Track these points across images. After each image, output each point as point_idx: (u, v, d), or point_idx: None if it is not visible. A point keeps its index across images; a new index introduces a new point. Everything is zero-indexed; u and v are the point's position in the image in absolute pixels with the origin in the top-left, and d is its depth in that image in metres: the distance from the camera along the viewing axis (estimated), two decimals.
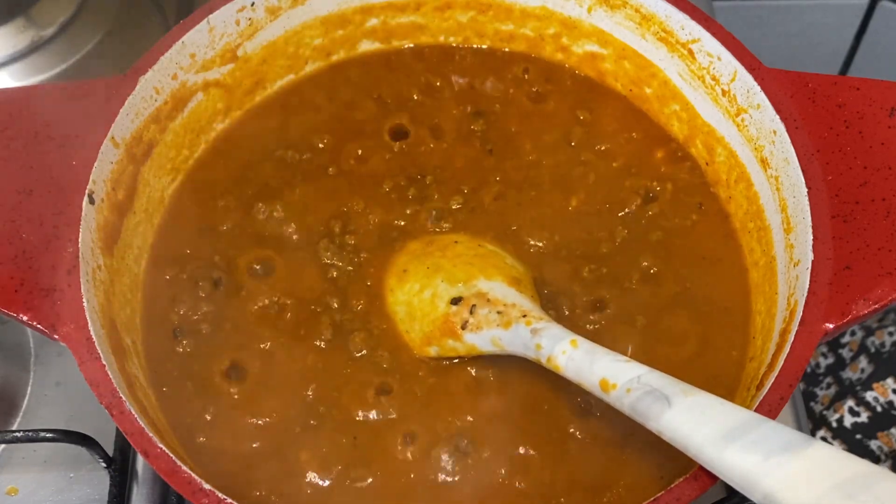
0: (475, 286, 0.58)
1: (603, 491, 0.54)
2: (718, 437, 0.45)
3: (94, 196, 0.57)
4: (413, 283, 0.60)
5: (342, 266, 0.62)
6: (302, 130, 0.68)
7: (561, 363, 0.52)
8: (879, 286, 0.51)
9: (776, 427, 0.44)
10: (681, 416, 0.46)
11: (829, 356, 0.98)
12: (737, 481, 0.44)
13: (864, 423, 0.91)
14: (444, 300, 0.58)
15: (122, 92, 0.59)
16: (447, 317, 0.57)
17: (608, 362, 0.51)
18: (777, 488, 0.42)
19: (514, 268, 0.60)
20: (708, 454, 0.45)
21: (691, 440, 0.45)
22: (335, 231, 0.63)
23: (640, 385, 0.48)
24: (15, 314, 0.52)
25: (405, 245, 0.62)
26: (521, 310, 0.56)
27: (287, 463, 0.55)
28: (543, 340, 0.53)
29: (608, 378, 0.50)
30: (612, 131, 0.68)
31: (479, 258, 0.60)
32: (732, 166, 0.63)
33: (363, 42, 0.71)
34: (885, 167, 0.55)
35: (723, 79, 0.62)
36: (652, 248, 0.62)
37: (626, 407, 0.49)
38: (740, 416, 0.45)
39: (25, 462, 0.64)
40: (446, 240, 0.62)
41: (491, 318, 0.56)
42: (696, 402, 0.46)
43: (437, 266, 0.60)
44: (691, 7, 0.63)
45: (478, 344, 0.57)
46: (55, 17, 0.85)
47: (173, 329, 0.59)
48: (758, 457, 0.43)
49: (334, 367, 0.58)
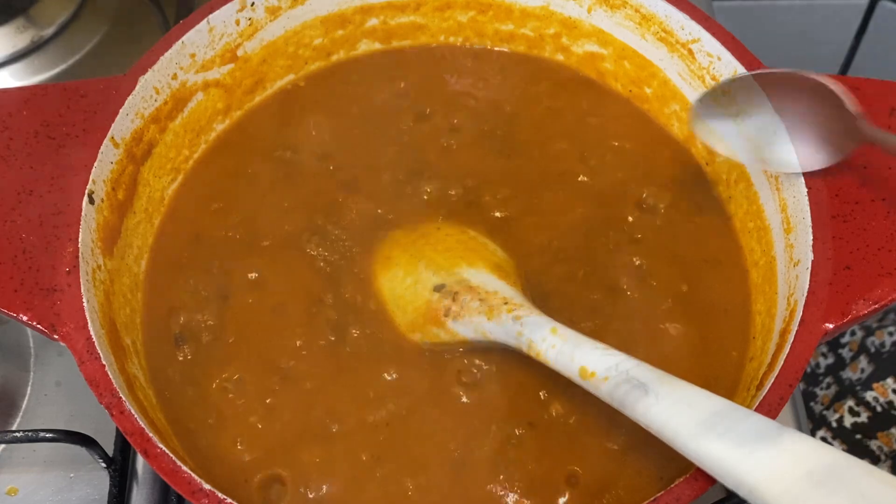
0: (458, 274, 0.59)
1: (603, 491, 0.54)
2: (693, 425, 0.45)
3: (94, 196, 0.57)
4: (397, 271, 0.60)
5: (334, 260, 0.62)
6: (302, 130, 0.68)
7: (541, 350, 0.53)
8: (879, 286, 0.51)
9: (751, 416, 0.45)
10: (657, 404, 0.47)
11: (829, 356, 0.98)
12: (711, 468, 0.44)
13: (863, 423, 0.91)
14: (428, 288, 0.59)
15: (122, 92, 0.59)
16: (430, 304, 0.58)
17: (587, 350, 0.51)
18: (752, 477, 0.42)
19: (497, 255, 0.61)
20: (683, 442, 0.45)
21: (667, 428, 0.46)
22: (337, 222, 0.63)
23: (618, 373, 0.49)
24: (15, 314, 0.52)
25: (388, 234, 0.63)
26: (502, 298, 0.56)
27: (288, 465, 0.55)
28: (524, 328, 0.54)
29: (587, 366, 0.50)
30: (611, 131, 0.68)
31: (461, 245, 0.61)
32: (732, 166, 0.63)
33: (363, 42, 0.71)
34: (886, 167, 0.55)
35: (723, 79, 0.62)
36: (652, 248, 0.62)
37: (604, 394, 0.49)
38: (715, 405, 0.46)
39: (25, 462, 0.64)
40: (430, 227, 0.63)
41: (473, 306, 0.56)
42: (672, 391, 0.47)
43: (421, 254, 0.60)
44: (691, 7, 0.63)
45: (461, 331, 0.57)
46: (55, 17, 0.85)
47: (175, 336, 0.59)
48: (732, 445, 0.43)
49: (337, 371, 0.58)
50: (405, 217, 0.64)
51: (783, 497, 0.41)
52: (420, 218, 0.63)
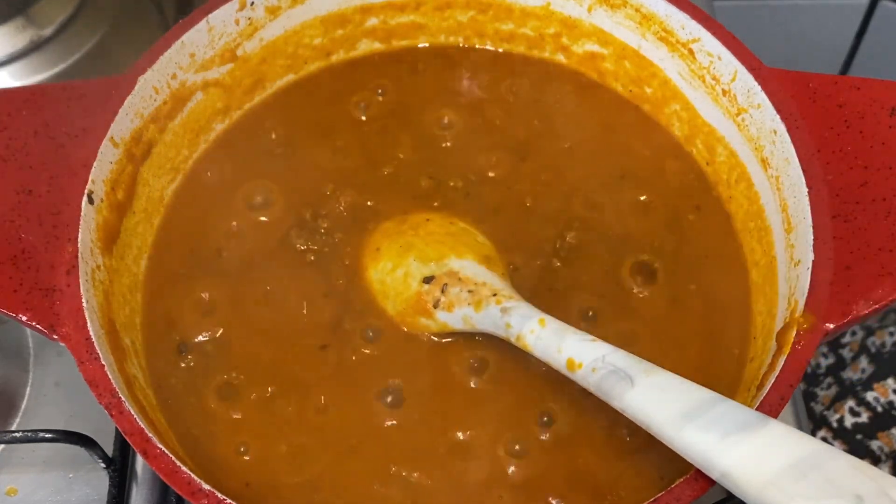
0: (447, 265, 0.59)
1: (603, 491, 0.54)
2: (678, 416, 0.45)
3: (94, 196, 0.57)
4: (386, 262, 0.60)
5: (326, 252, 0.62)
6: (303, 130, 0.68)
7: (529, 342, 0.53)
8: (880, 286, 0.51)
9: (735, 406, 0.45)
10: (643, 395, 0.47)
11: (830, 356, 0.98)
12: (696, 459, 0.45)
13: (864, 423, 0.91)
14: (417, 279, 0.59)
15: (122, 92, 0.59)
16: (419, 295, 0.58)
17: (575, 341, 0.51)
18: (733, 466, 0.43)
19: (485, 245, 0.61)
20: (668, 433, 0.45)
21: (653, 419, 0.46)
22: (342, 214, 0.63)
23: (604, 364, 0.49)
24: (14, 314, 0.52)
25: (378, 226, 0.63)
26: (491, 288, 0.57)
27: (290, 465, 0.55)
28: (513, 319, 0.54)
29: (574, 357, 0.51)
30: (611, 130, 0.68)
31: (450, 236, 0.61)
32: (733, 166, 0.63)
33: (363, 42, 0.71)
34: (886, 167, 0.55)
35: (723, 78, 0.62)
36: (652, 248, 0.62)
37: (591, 386, 0.50)
38: (700, 396, 0.46)
39: (25, 462, 0.64)
40: (419, 218, 0.63)
41: (462, 297, 0.57)
42: (657, 382, 0.47)
43: (410, 244, 0.61)
44: (691, 7, 0.63)
45: (449, 322, 0.57)
46: (55, 16, 0.85)
47: (178, 345, 0.59)
48: (715, 435, 0.44)
49: (340, 377, 0.58)
50: (397, 209, 0.64)
51: (767, 488, 0.41)
52: (411, 210, 0.63)
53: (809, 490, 0.40)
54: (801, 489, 0.40)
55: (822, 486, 0.40)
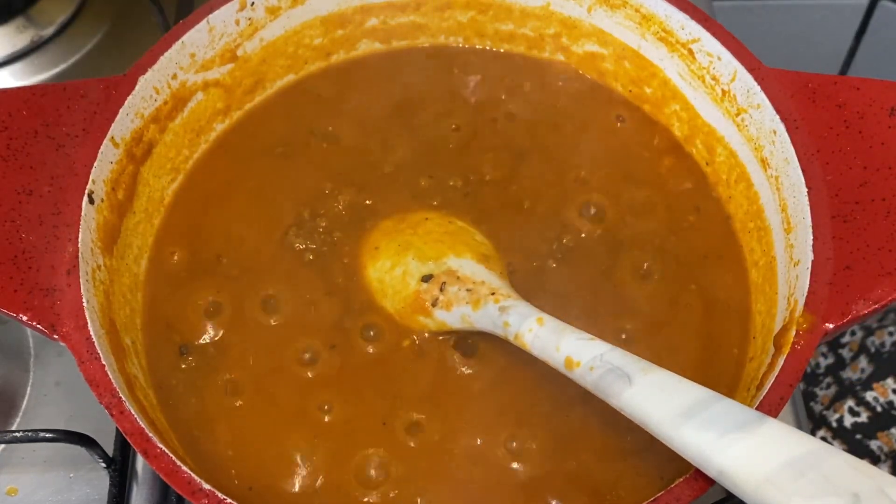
0: (445, 264, 0.59)
1: (603, 491, 0.54)
2: (676, 415, 0.45)
3: (94, 196, 0.57)
4: (385, 261, 0.60)
5: (325, 251, 0.62)
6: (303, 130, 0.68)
7: (527, 341, 0.53)
8: (879, 286, 0.51)
9: (732, 405, 0.45)
10: (640, 393, 0.47)
11: (829, 356, 0.98)
12: (693, 457, 0.45)
13: (864, 423, 0.91)
14: (415, 277, 0.59)
15: (122, 92, 0.59)
16: (418, 294, 0.58)
17: (573, 340, 0.51)
18: (731, 465, 0.43)
19: (484, 244, 0.61)
20: (666, 431, 0.45)
21: (650, 417, 0.46)
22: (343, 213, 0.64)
23: (602, 363, 0.49)
24: (14, 314, 0.52)
25: (377, 224, 0.63)
26: (489, 287, 0.57)
27: (290, 465, 0.55)
28: (511, 318, 0.54)
29: (572, 356, 0.51)
30: (611, 131, 0.68)
31: (449, 235, 0.61)
32: (732, 166, 0.63)
33: (363, 42, 0.71)
34: (885, 167, 0.55)
35: (723, 79, 0.62)
36: (652, 248, 0.62)
37: (589, 384, 0.50)
38: (698, 394, 0.46)
39: (25, 462, 0.64)
40: (417, 217, 0.63)
41: (461, 296, 0.57)
42: (655, 380, 0.47)
43: (408, 243, 0.61)
44: (691, 7, 0.63)
45: (448, 321, 0.57)
46: (55, 16, 0.85)
47: (179, 345, 0.59)
48: (713, 434, 0.44)
49: (341, 376, 0.58)
50: (396, 209, 0.64)
51: (764, 486, 0.41)
52: (410, 209, 0.64)
53: (807, 488, 0.40)
54: (798, 487, 0.40)
55: (819, 485, 0.40)
